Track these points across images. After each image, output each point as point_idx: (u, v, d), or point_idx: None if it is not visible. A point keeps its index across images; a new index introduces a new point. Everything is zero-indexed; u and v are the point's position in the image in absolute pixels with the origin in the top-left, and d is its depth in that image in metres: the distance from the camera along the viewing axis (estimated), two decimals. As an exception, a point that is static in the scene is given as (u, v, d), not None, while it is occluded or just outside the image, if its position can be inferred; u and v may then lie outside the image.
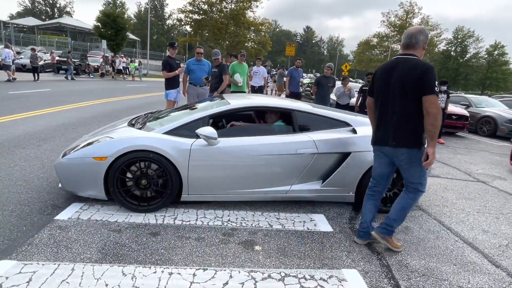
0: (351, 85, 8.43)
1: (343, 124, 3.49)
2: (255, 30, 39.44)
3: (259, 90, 9.68)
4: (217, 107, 3.37)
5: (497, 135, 10.29)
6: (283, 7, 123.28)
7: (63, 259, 2.25)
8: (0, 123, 6.15)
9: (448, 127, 9.41)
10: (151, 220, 2.91)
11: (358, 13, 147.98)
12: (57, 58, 20.92)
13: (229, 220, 3.04)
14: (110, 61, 22.95)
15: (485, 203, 4.10)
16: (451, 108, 9.37)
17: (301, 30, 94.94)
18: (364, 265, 2.47)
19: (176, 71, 6.22)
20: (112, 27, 26.88)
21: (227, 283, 2.12)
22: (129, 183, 3.00)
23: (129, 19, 54.24)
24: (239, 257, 2.45)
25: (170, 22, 71.77)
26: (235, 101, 3.48)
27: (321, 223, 3.13)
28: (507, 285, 2.37)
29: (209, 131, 2.94)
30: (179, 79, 6.55)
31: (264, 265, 2.37)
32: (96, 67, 23.06)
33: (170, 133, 3.07)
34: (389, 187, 3.45)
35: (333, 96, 8.34)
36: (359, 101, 8.07)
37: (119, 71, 22.54)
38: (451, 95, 8.98)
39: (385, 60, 45.43)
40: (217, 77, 6.34)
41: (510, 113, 10.55)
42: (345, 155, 3.28)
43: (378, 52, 50.26)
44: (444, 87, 7.95)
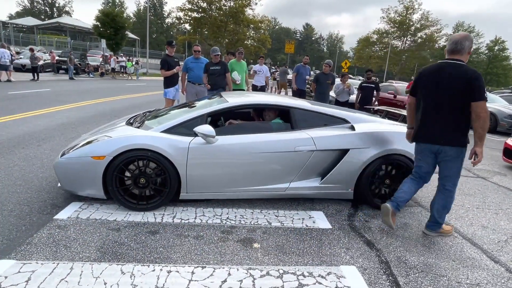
0: (351, 82, 8.41)
1: (341, 121, 3.49)
2: (254, 27, 39.37)
3: (261, 89, 9.17)
4: (215, 105, 3.37)
5: (498, 130, 10.26)
6: (282, 5, 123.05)
7: (62, 258, 2.26)
8: (0, 123, 6.16)
9: None
10: (150, 218, 2.92)
11: (357, 9, 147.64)
12: (57, 57, 20.91)
13: (228, 218, 3.04)
14: (108, 60, 22.94)
15: (485, 198, 4.09)
16: None
17: (301, 27, 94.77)
18: (362, 262, 2.47)
19: (174, 69, 6.21)
20: (111, 26, 26.83)
21: (225, 281, 2.13)
22: (128, 182, 3.00)
23: (129, 18, 54.16)
24: (237, 254, 2.46)
25: (169, 20, 71.67)
26: (233, 99, 3.48)
27: (320, 220, 3.13)
28: (506, 280, 2.38)
29: (207, 129, 2.94)
30: (178, 77, 6.54)
31: (262, 263, 2.37)
32: (96, 66, 23.05)
33: (168, 131, 3.07)
34: (388, 184, 3.45)
35: (332, 93, 8.32)
36: (359, 98, 8.05)
37: (113, 70, 22.50)
38: None
39: (385, 56, 45.35)
40: (220, 74, 6.15)
41: (510, 109, 10.51)
42: (343, 152, 3.28)
43: (378, 48, 50.11)
44: None
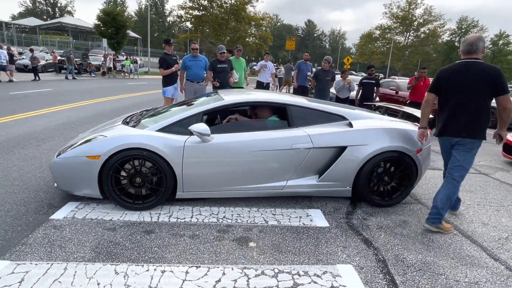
0: (351, 78, 8.33)
1: (339, 117, 3.45)
2: (256, 25, 39.20)
3: (267, 86, 9.08)
4: (210, 103, 3.34)
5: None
6: (284, 1, 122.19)
7: (56, 259, 2.25)
8: (1, 124, 6.19)
9: None
10: (146, 218, 2.91)
11: (360, 5, 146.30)
12: (59, 57, 20.98)
13: (224, 217, 3.02)
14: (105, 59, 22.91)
15: (486, 195, 4.04)
16: None
17: (303, 24, 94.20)
18: (359, 260, 2.44)
19: (173, 67, 6.18)
20: (112, 25, 26.87)
21: (219, 280, 2.11)
22: (123, 181, 2.99)
23: (130, 17, 54.12)
24: (233, 254, 2.44)
25: (170, 19, 71.56)
26: (229, 97, 3.45)
27: (317, 218, 3.10)
28: (506, 278, 2.33)
29: (202, 127, 2.91)
30: (177, 76, 6.50)
31: (257, 262, 2.35)
32: (98, 66, 23.08)
33: (163, 130, 3.05)
34: (387, 181, 3.41)
35: (333, 90, 8.25)
36: (359, 94, 7.97)
37: (109, 69, 22.48)
38: None
39: (387, 52, 44.98)
40: (227, 72, 6.16)
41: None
42: (341, 149, 3.24)
43: (380, 44, 49.75)
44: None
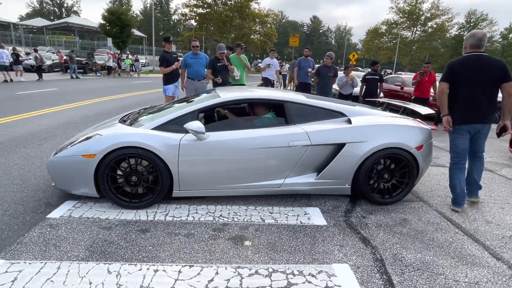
0: (354, 74, 8.22)
1: (337, 114, 3.38)
2: (260, 22, 39.03)
3: (272, 83, 9.12)
4: (206, 101, 3.31)
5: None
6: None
7: (50, 258, 2.25)
8: (4, 123, 6.26)
9: None
10: (142, 216, 2.90)
11: (366, 0, 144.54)
12: (65, 57, 21.18)
13: (221, 215, 3.00)
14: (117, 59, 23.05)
15: (491, 192, 3.93)
16: None
17: (308, 20, 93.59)
18: (356, 260, 2.39)
19: (173, 65, 6.16)
20: (117, 24, 27.01)
21: (212, 280, 2.08)
22: (120, 180, 2.99)
23: (135, 16, 54.42)
24: (227, 253, 2.41)
25: (175, 17, 71.76)
26: (226, 94, 3.41)
27: (315, 216, 3.06)
28: (508, 278, 2.26)
29: (197, 125, 2.88)
30: (178, 74, 6.48)
31: (252, 261, 2.32)
32: (103, 65, 23.21)
33: (158, 128, 3.03)
34: (387, 179, 3.34)
35: (335, 86, 8.15)
36: (363, 90, 7.86)
37: (110, 68, 22.55)
38: None
39: (394, 47, 44.38)
40: (229, 69, 6.19)
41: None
42: (340, 146, 3.18)
43: (387, 39, 49.08)
44: None
